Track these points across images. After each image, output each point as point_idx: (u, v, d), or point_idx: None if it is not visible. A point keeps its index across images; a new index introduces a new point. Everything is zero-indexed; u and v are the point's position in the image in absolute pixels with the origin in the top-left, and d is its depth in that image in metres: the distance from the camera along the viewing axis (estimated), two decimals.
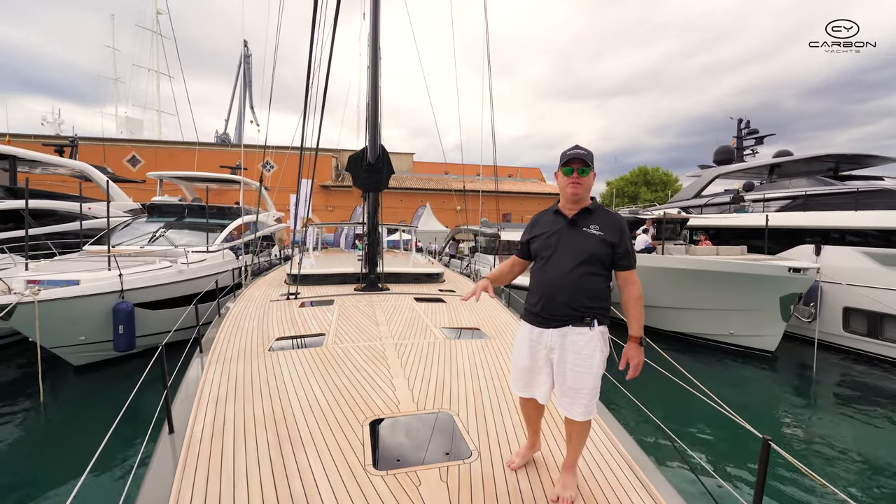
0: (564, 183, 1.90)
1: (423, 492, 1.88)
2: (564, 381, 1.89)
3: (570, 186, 1.89)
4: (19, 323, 5.69)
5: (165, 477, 1.98)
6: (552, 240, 1.92)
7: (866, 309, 8.42)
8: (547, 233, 1.95)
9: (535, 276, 1.98)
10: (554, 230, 1.93)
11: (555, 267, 1.88)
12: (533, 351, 1.95)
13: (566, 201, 1.95)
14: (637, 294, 1.90)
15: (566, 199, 1.94)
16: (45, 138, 21.51)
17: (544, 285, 1.90)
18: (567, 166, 1.89)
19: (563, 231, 1.91)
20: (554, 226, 1.95)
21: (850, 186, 10.12)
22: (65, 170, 11.55)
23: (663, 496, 1.95)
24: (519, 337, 2.04)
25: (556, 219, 1.96)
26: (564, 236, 1.90)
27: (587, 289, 1.84)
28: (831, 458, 4.80)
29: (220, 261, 8.94)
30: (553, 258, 1.89)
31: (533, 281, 1.99)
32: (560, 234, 1.91)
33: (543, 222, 2.01)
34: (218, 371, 3.14)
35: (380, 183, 6.72)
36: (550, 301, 1.87)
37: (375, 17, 6.53)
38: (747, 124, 16.85)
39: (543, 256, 1.92)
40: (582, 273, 1.83)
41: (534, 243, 1.99)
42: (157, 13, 27.02)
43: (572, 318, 1.85)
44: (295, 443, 2.23)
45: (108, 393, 6.15)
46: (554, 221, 1.96)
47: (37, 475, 4.12)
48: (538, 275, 1.95)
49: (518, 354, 2.02)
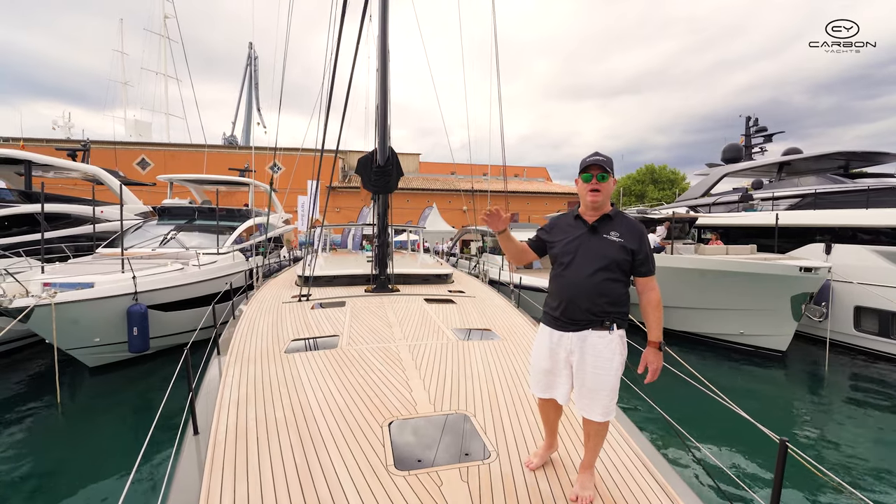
0: (584, 190, 1.93)
1: (444, 491, 1.92)
2: (584, 384, 1.92)
3: (589, 194, 1.91)
4: (37, 325, 5.80)
5: (193, 478, 2.03)
6: (572, 245, 1.94)
7: (878, 308, 8.33)
8: (567, 238, 1.96)
9: (556, 280, 1.99)
10: (575, 236, 1.95)
11: (576, 272, 1.90)
12: (553, 353, 1.97)
13: (586, 208, 1.97)
14: (656, 299, 1.92)
15: (586, 205, 1.96)
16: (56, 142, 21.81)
17: (565, 290, 1.92)
18: (586, 172, 1.92)
19: (584, 237, 1.94)
20: (574, 231, 1.97)
21: (860, 184, 10.02)
22: (77, 174, 11.73)
23: (681, 497, 1.97)
24: (538, 340, 2.06)
25: (577, 224, 1.98)
26: (585, 242, 1.92)
27: (607, 294, 1.86)
28: (845, 459, 4.77)
29: (231, 262, 9.03)
30: (573, 263, 1.91)
31: (553, 285, 2.01)
32: (581, 239, 1.93)
33: (563, 227, 2.02)
34: (237, 373, 3.20)
35: (389, 185, 6.77)
36: (571, 305, 1.90)
37: (384, 22, 6.57)
38: (756, 122, 16.71)
39: (563, 262, 1.94)
40: (603, 279, 1.86)
41: (553, 248, 2.01)
42: (165, 17, 27.30)
43: (592, 322, 1.87)
44: (317, 444, 2.28)
45: (122, 394, 6.25)
46: (574, 227, 1.98)
47: (54, 475, 4.19)
48: (558, 279, 1.97)
49: (538, 357, 2.05)
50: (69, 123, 22.87)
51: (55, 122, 22.89)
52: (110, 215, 10.73)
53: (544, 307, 2.06)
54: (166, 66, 27.97)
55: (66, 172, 11.54)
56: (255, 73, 34.88)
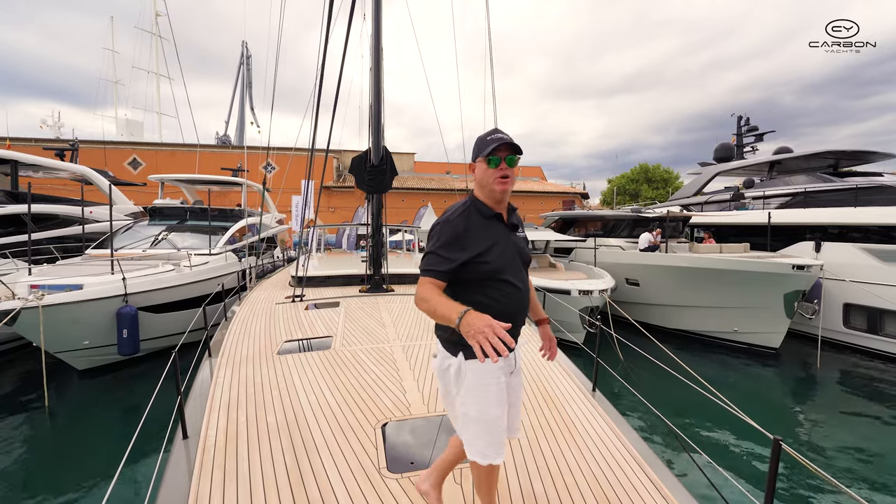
0: (490, 177, 1.48)
1: None
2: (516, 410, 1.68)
3: (498, 181, 1.47)
4: (24, 328, 5.70)
5: (181, 483, 2.00)
6: (508, 253, 1.53)
7: (866, 305, 8.45)
8: (497, 245, 1.50)
9: (501, 299, 1.50)
10: (501, 238, 1.53)
11: (520, 287, 1.55)
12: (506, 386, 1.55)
13: (493, 200, 1.54)
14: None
15: (493, 196, 1.53)
16: (45, 142, 21.48)
17: (512, 307, 1.53)
18: (494, 155, 1.46)
19: (507, 239, 1.55)
20: (495, 234, 1.52)
21: (849, 183, 10.15)
22: (66, 174, 11.55)
23: (675, 496, 1.97)
24: (485, 383, 1.48)
25: (493, 223, 1.53)
26: (510, 246, 1.55)
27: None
28: (838, 455, 4.81)
29: (223, 263, 8.94)
30: (517, 276, 1.55)
31: (498, 306, 1.47)
32: (506, 243, 1.54)
33: (478, 230, 1.50)
34: (228, 375, 3.16)
35: (383, 185, 6.73)
36: (517, 323, 1.56)
37: (377, 22, 6.53)
38: (747, 121, 16.86)
39: (505, 279, 1.50)
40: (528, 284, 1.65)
41: (486, 264, 1.46)
42: (157, 15, 26.96)
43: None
44: (309, 447, 2.25)
45: (112, 397, 6.16)
46: (490, 227, 1.52)
47: (43, 481, 4.12)
48: (504, 299, 1.50)
49: (497, 402, 1.49)
50: (59, 122, 22.50)
51: (44, 121, 22.51)
52: (100, 216, 10.58)
53: None
54: (158, 65, 27.63)
55: (54, 172, 11.36)
56: (249, 73, 34.59)
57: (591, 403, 2.82)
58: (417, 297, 1.40)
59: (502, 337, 1.10)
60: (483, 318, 1.15)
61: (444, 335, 1.55)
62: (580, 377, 3.24)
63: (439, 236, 1.46)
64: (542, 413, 2.70)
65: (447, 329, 1.49)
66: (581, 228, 13.20)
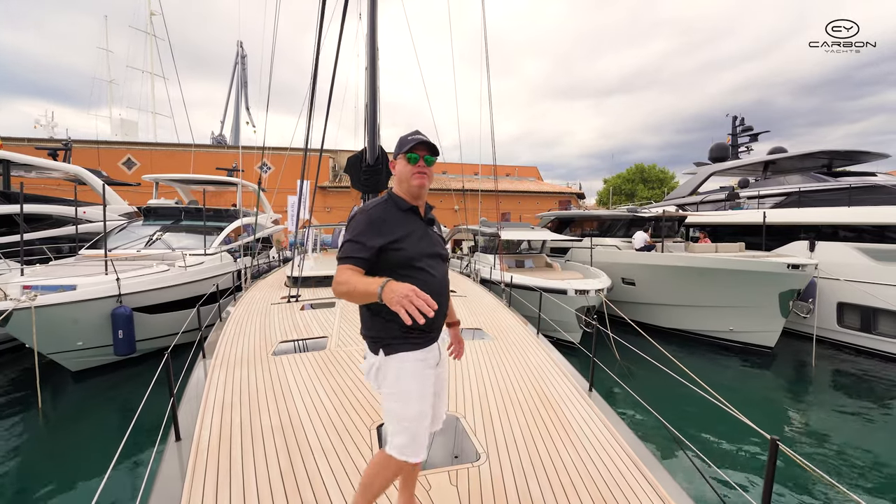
0: (409, 172, 1.58)
1: (433, 496, 1.89)
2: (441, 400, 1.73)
3: (415, 177, 1.57)
4: (16, 329, 5.63)
5: (174, 486, 1.97)
6: (424, 243, 1.61)
7: (860, 304, 8.51)
8: (412, 235, 1.58)
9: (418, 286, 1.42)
10: (417, 230, 1.61)
11: (435, 275, 1.60)
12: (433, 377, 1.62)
13: (411, 196, 1.62)
14: None
15: (410, 192, 1.61)
16: (38, 141, 21.27)
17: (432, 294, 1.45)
18: (412, 153, 1.57)
19: (423, 233, 1.64)
20: (413, 225, 1.61)
21: (843, 183, 10.22)
22: (59, 173, 11.44)
23: (671, 496, 1.97)
24: (413, 376, 1.54)
25: (410, 217, 1.62)
26: (426, 238, 1.63)
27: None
28: (834, 454, 4.84)
29: (219, 263, 8.88)
30: (432, 265, 1.60)
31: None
32: (422, 235, 1.62)
33: (397, 220, 1.58)
34: (222, 376, 3.13)
35: (379, 184, 6.72)
36: (439, 315, 1.60)
37: (373, 21, 6.51)
38: (742, 121, 16.95)
39: (420, 267, 1.56)
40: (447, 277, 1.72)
41: (401, 251, 1.53)
42: (151, 14, 26.79)
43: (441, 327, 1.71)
44: (303, 449, 2.23)
45: (107, 398, 6.10)
46: (408, 220, 1.61)
47: (36, 484, 4.08)
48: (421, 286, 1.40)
49: (421, 397, 1.55)
50: (52, 122, 22.30)
51: (38, 121, 22.31)
52: (93, 216, 10.48)
53: (399, 330, 1.54)
54: (153, 64, 27.47)
55: (47, 172, 11.24)
56: (245, 72, 34.45)
57: (587, 403, 2.81)
58: (335, 283, 1.42)
59: (425, 300, 1.16)
60: (404, 285, 1.21)
61: (370, 334, 1.61)
62: (576, 377, 3.24)
63: (357, 225, 1.52)
64: (539, 413, 2.69)
65: (372, 327, 1.58)
66: (577, 228, 13.23)
